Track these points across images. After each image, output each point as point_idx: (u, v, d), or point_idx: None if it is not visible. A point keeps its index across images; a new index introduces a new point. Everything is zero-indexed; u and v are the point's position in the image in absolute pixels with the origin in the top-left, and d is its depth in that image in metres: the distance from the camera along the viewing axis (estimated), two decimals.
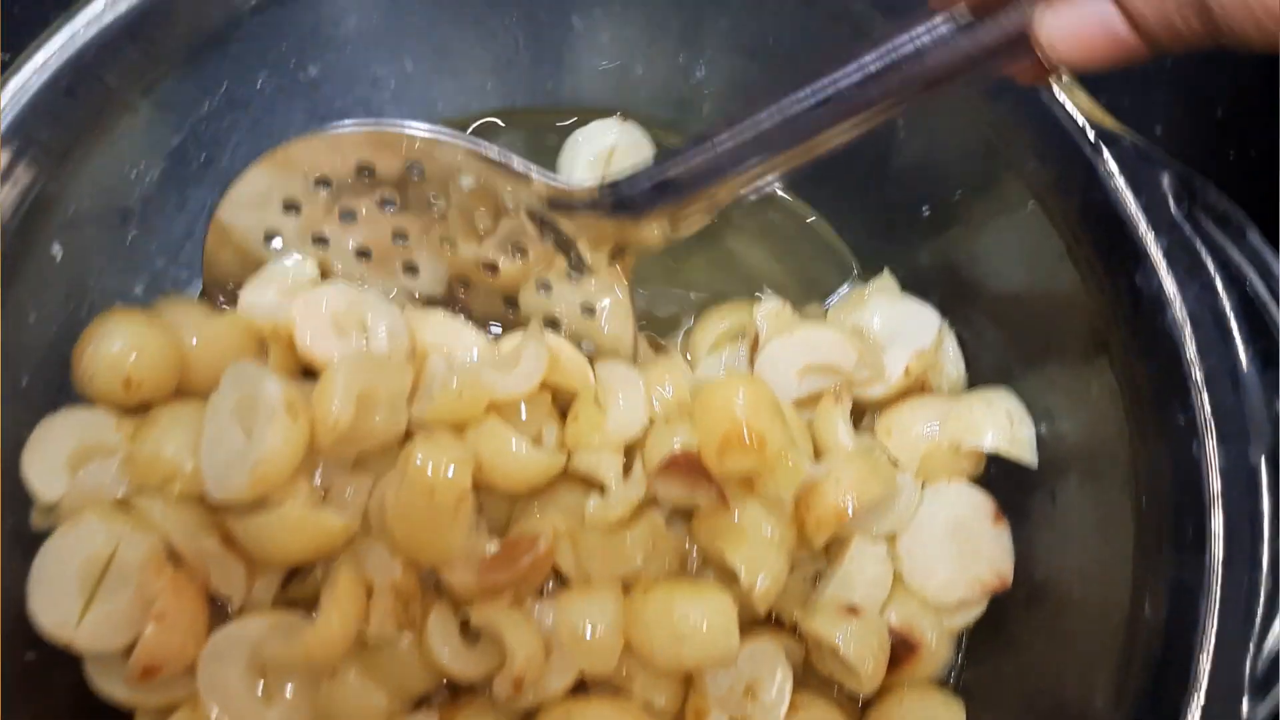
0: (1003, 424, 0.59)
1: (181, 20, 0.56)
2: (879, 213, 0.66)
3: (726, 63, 0.65)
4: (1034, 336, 0.59)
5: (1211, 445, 0.48)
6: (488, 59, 0.67)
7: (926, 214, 0.63)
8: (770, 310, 0.62)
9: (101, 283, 0.60)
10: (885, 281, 0.65)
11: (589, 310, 0.59)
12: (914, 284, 0.65)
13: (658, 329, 0.67)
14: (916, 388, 0.62)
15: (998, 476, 0.61)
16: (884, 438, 0.61)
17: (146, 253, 0.63)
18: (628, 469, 0.55)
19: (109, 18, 0.53)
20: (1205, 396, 0.48)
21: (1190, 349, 0.49)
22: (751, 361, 0.62)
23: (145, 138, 0.59)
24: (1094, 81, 0.50)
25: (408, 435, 0.53)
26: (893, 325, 0.62)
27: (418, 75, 0.67)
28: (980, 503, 0.60)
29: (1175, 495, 0.49)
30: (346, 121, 0.55)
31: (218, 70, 0.59)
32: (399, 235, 0.59)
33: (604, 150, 0.67)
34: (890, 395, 0.61)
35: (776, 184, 0.66)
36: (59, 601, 0.49)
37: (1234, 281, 0.49)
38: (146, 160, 0.60)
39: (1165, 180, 0.49)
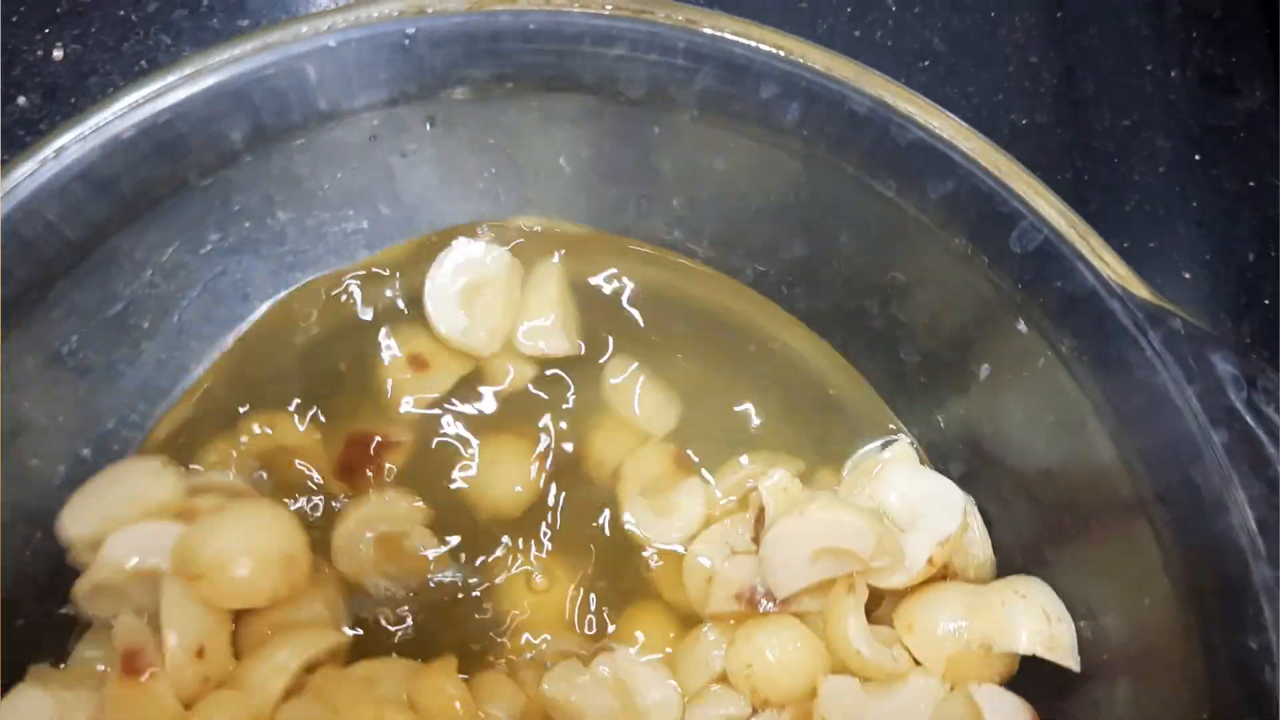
0: (1039, 622, 0.52)
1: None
2: (895, 369, 0.60)
3: None
4: (1070, 519, 0.53)
5: None
6: None
7: (947, 377, 0.57)
8: (778, 484, 0.56)
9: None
10: (903, 450, 0.59)
11: None
12: (934, 451, 0.59)
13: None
14: (939, 575, 0.56)
15: (1033, 679, 0.54)
16: (904, 633, 0.54)
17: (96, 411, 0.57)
18: None
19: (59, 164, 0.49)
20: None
21: (1259, 561, 0.42)
22: (756, 539, 0.56)
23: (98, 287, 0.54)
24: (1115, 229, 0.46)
25: None
26: (912, 503, 0.56)
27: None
28: (1016, 710, 0.53)
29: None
30: None
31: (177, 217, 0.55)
32: None
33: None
34: (911, 584, 0.55)
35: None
36: None
37: None
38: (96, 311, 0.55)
39: (1219, 364, 0.44)
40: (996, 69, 0.71)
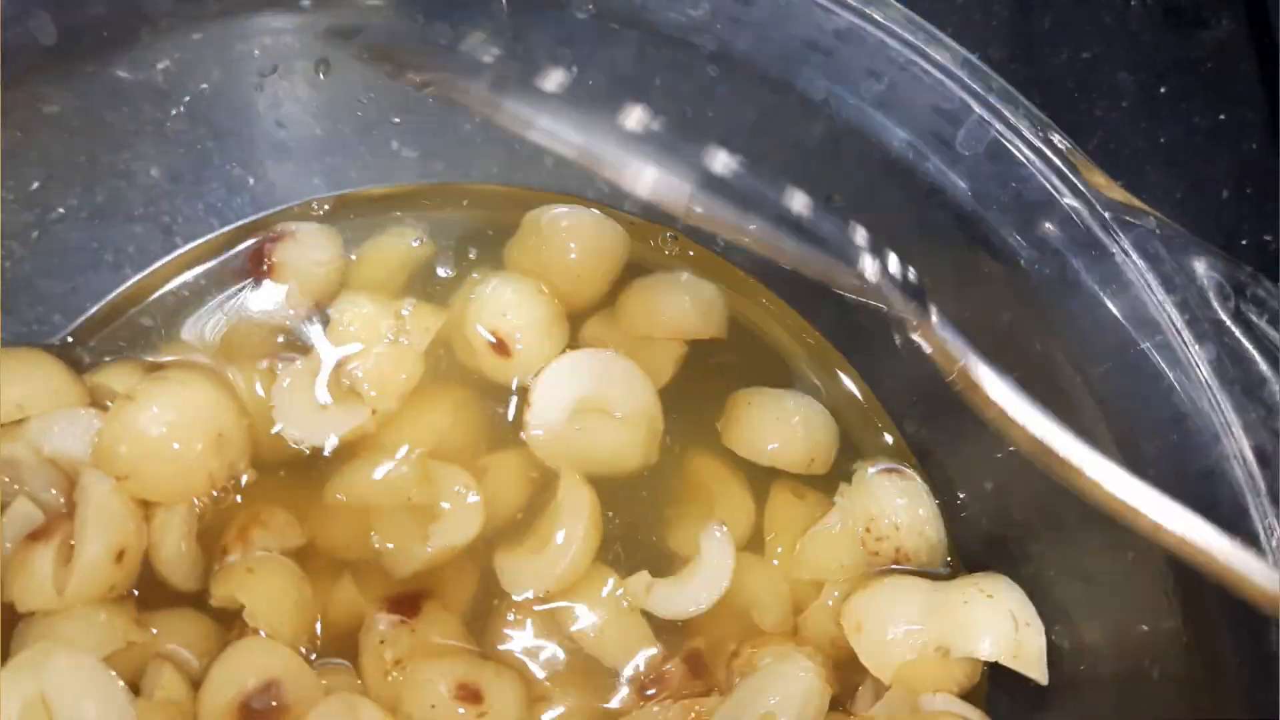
0: (1004, 625, 0.45)
1: None
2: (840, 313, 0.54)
3: None
4: (1041, 488, 0.46)
5: None
6: None
7: (894, 319, 0.50)
8: None
9: None
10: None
11: None
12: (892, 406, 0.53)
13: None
14: (890, 562, 0.49)
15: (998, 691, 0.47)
16: (851, 634, 0.47)
17: None
18: None
19: None
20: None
21: (1259, 496, 0.36)
22: None
23: None
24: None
25: None
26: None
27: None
28: None
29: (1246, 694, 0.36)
30: None
31: None
32: None
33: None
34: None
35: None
36: None
37: None
38: None
39: (1203, 271, 0.38)
40: (945, 1, 0.65)
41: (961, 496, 0.50)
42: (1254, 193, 0.61)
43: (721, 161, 0.47)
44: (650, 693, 0.48)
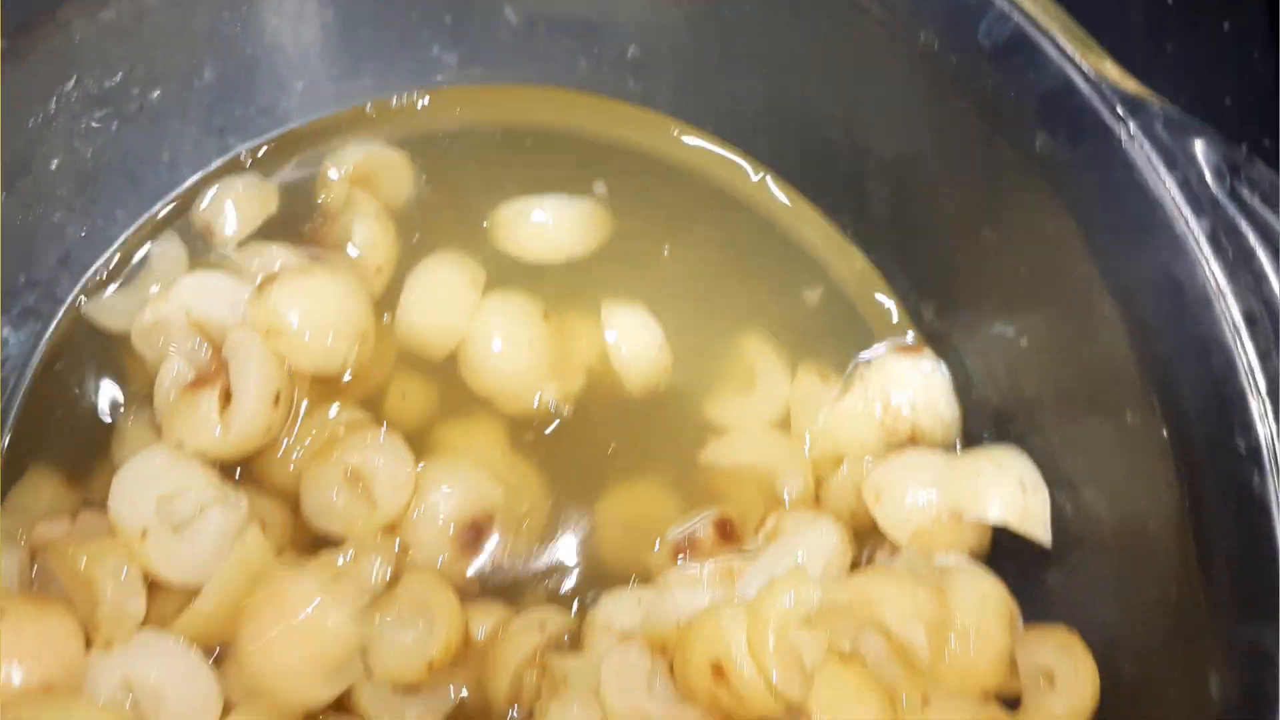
0: (1013, 491, 0.49)
1: None
2: (860, 202, 0.57)
3: None
4: (1051, 357, 0.50)
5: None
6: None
7: (919, 208, 0.54)
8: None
9: None
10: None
11: None
12: (908, 300, 0.56)
13: None
14: (907, 440, 0.53)
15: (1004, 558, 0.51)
16: (871, 503, 0.51)
17: None
18: None
19: None
20: (1269, 410, 0.39)
21: (1246, 353, 0.40)
22: None
23: None
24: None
25: None
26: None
27: None
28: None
29: (1239, 534, 0.40)
30: None
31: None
32: None
33: None
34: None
35: None
36: None
37: None
38: None
39: (1202, 152, 0.41)
40: None
41: (974, 378, 0.54)
42: (1254, 100, 0.64)
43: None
44: (682, 556, 0.52)
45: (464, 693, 0.47)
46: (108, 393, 0.54)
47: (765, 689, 0.42)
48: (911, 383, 0.53)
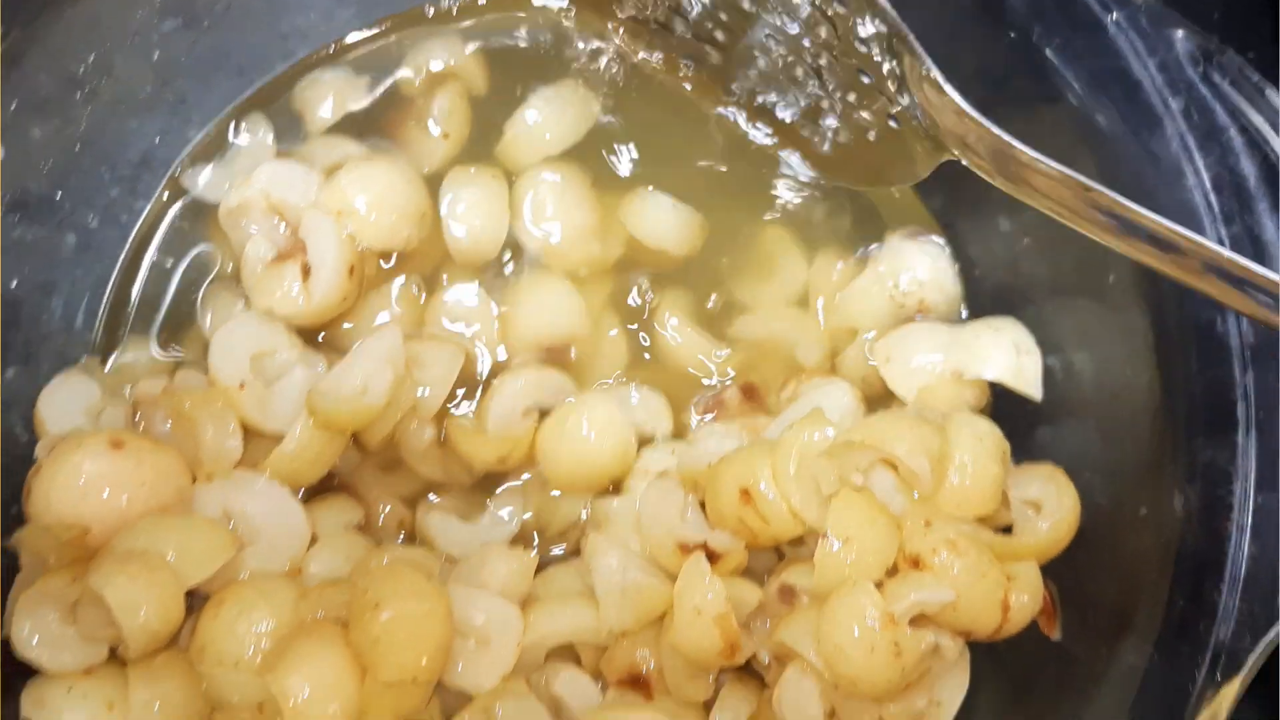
0: (1008, 354, 0.55)
1: None
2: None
3: None
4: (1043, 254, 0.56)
5: (1237, 315, 0.45)
6: None
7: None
8: None
9: None
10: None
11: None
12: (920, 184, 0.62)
13: None
14: (914, 313, 0.59)
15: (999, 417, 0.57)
16: (881, 365, 0.57)
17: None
18: None
19: None
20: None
21: (1215, 214, 0.45)
22: None
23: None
24: None
25: None
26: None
27: None
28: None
29: (1200, 370, 0.46)
30: None
31: None
32: None
33: None
34: None
35: None
36: None
37: (1254, 145, 0.45)
38: None
39: (1179, 41, 0.46)
40: None
41: (977, 262, 0.60)
42: (1242, 10, 0.69)
43: None
44: (709, 416, 0.59)
45: (526, 515, 0.54)
46: (194, 269, 0.60)
47: (787, 512, 0.49)
48: (919, 263, 0.59)
